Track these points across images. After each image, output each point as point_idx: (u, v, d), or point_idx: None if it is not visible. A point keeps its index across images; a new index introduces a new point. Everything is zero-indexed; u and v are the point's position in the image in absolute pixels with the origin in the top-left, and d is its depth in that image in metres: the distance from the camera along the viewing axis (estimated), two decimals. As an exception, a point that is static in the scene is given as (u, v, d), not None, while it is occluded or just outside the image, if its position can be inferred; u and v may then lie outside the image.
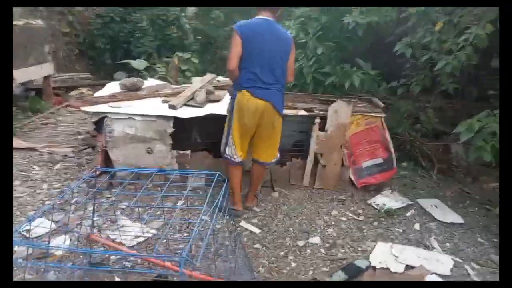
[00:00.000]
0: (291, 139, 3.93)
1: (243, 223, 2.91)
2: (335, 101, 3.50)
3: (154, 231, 2.72)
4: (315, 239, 2.74)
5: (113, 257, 2.45)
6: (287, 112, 3.56)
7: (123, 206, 2.99)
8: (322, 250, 2.63)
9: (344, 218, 3.07)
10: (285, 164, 3.62)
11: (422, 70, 4.23)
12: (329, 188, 3.54)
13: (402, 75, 4.51)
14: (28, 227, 2.68)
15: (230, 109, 2.90)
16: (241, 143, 2.93)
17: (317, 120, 3.50)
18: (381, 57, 5.09)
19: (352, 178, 3.58)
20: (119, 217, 2.88)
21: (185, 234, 2.72)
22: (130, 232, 2.64)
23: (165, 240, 2.69)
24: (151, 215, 2.94)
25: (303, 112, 3.53)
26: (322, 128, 3.50)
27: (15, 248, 1.54)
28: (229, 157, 2.94)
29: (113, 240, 2.57)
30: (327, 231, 2.87)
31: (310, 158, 3.53)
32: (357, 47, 4.89)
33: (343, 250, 2.64)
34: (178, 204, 3.13)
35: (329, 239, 2.76)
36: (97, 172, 2.00)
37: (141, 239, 2.64)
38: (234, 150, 2.91)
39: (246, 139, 2.94)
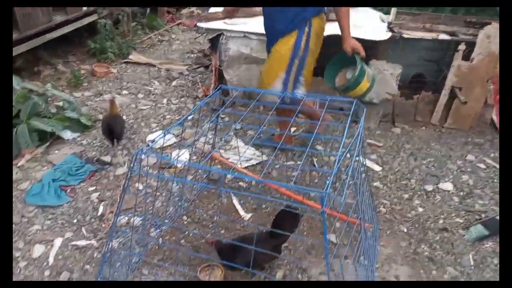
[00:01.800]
0: (413, 70, 3.37)
1: (360, 158, 2.67)
2: (488, 24, 2.82)
3: (265, 157, 2.66)
4: (447, 185, 2.40)
5: (228, 176, 2.48)
6: (423, 35, 3.02)
7: (238, 127, 2.97)
8: (456, 199, 2.30)
9: (482, 166, 2.61)
10: (411, 97, 3.17)
11: None
12: (463, 128, 3.03)
13: None
14: (153, 138, 2.89)
15: (304, 43, 2.28)
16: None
17: (461, 47, 2.89)
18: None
19: (495, 120, 3.00)
20: (233, 138, 2.88)
21: (298, 162, 2.61)
22: (243, 154, 2.63)
23: (277, 166, 2.63)
24: (264, 139, 2.87)
25: (444, 36, 2.95)
26: (465, 57, 2.91)
27: (144, 157, 1.50)
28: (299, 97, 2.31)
29: (228, 160, 2.59)
30: (461, 178, 2.48)
31: (446, 92, 3.01)
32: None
33: (481, 202, 2.27)
34: (292, 131, 3.01)
35: (464, 187, 2.39)
36: (219, 91, 1.91)
37: (254, 162, 2.61)
38: (303, 89, 2.42)
39: None
